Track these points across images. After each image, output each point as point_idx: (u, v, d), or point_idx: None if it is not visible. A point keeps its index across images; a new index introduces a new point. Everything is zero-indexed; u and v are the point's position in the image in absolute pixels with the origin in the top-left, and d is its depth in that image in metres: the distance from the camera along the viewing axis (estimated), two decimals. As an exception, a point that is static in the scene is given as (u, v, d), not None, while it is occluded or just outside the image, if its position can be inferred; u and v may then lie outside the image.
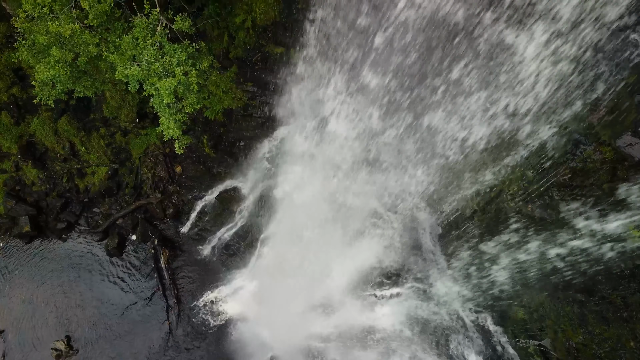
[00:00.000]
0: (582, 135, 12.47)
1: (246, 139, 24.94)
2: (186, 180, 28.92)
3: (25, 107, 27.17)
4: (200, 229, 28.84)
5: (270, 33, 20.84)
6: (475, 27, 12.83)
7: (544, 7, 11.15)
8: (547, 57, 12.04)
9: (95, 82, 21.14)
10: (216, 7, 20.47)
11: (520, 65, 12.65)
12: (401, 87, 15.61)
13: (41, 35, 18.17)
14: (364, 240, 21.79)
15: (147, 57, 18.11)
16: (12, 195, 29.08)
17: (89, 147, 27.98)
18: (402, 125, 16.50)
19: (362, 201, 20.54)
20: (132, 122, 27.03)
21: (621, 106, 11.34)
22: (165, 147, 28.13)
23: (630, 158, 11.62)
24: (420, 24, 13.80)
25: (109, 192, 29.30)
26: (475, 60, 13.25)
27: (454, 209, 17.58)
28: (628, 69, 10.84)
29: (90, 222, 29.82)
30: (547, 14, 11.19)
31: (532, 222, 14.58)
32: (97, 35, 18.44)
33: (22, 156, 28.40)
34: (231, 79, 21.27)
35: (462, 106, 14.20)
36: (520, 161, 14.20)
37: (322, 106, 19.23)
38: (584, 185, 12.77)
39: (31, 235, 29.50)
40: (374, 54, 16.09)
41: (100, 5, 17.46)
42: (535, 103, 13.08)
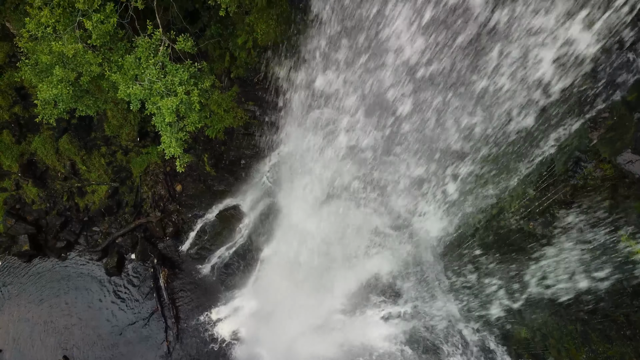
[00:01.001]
0: (582, 152, 12.56)
1: (247, 157, 25.03)
2: (186, 198, 28.91)
3: (26, 125, 27.28)
4: (199, 248, 28.73)
5: (271, 53, 21.06)
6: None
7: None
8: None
9: (97, 101, 21.28)
10: (218, 28, 20.72)
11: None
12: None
13: (44, 55, 18.33)
14: (365, 258, 21.72)
15: (149, 76, 18.26)
16: (12, 214, 29.02)
17: (89, 165, 28.02)
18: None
19: (364, 219, 20.54)
20: (133, 140, 27.12)
21: (621, 123, 11.45)
22: (166, 166, 28.18)
23: (631, 175, 11.69)
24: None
25: (109, 211, 29.26)
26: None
27: (455, 227, 17.57)
28: (627, 86, 10.97)
29: (90, 241, 29.71)
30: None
31: (534, 240, 14.59)
32: (100, 55, 18.62)
33: (23, 175, 28.42)
34: (232, 98, 21.43)
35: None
36: (522, 179, 14.28)
37: (324, 124, 19.36)
38: (585, 202, 12.83)
39: (30, 254, 29.35)
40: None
41: (103, 25, 17.65)
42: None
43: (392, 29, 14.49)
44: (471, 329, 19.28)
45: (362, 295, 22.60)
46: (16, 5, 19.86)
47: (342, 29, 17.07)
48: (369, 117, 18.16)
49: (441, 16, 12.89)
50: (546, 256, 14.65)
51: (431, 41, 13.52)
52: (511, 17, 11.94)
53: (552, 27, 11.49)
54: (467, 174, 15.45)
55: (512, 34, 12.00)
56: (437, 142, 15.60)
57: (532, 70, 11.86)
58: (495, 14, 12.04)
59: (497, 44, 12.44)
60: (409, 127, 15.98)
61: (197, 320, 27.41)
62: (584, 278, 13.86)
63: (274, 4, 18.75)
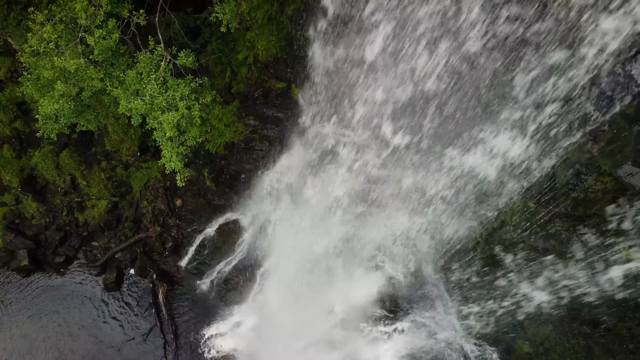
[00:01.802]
0: (583, 165, 12.66)
1: (247, 171, 25.09)
2: (186, 213, 28.90)
3: (27, 140, 27.37)
4: (199, 263, 28.62)
5: (271, 69, 21.26)
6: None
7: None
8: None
9: (99, 115, 21.38)
10: (219, 44, 20.92)
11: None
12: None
13: (46, 70, 18.44)
14: (366, 273, 21.66)
15: (150, 91, 18.39)
16: (12, 229, 28.96)
17: (89, 180, 28.05)
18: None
19: (364, 233, 20.55)
20: (133, 155, 27.20)
21: (620, 136, 11.56)
22: (166, 180, 28.22)
23: (632, 187, 11.77)
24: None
25: (108, 226, 29.22)
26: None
27: (456, 241, 17.59)
28: (626, 100, 11.10)
29: (89, 256, 29.62)
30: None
31: (536, 254, 14.62)
32: (102, 70, 18.75)
33: (23, 189, 28.42)
34: (233, 113, 21.57)
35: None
36: (522, 192, 14.35)
37: (325, 139, 19.48)
38: (586, 215, 12.90)
39: (29, 269, 29.20)
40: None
41: (105, 41, 17.81)
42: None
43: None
44: (473, 344, 19.18)
45: (364, 310, 22.47)
46: (19, 21, 20.05)
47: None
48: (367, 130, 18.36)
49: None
50: (548, 269, 14.66)
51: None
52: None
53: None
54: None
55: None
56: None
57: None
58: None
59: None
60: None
61: (196, 336, 27.20)
62: (586, 291, 13.85)
63: (274, 20, 18.98)
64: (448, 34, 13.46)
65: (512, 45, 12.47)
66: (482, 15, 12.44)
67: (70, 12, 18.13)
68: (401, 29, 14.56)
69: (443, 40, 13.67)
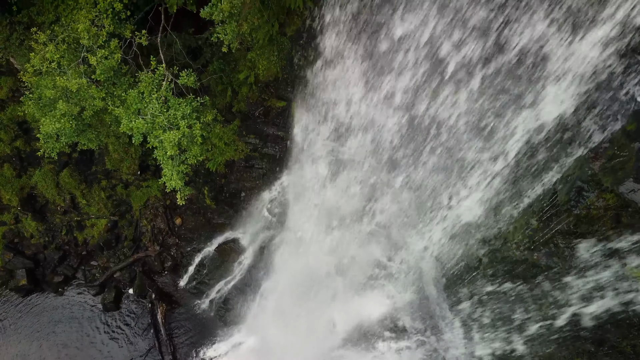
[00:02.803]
0: (584, 182, 12.70)
1: (247, 189, 25.10)
2: (185, 232, 28.81)
3: (27, 159, 27.39)
4: (198, 282, 28.44)
5: (272, 88, 21.42)
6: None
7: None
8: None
9: (100, 134, 21.44)
10: (220, 64, 21.09)
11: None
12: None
13: (48, 89, 18.54)
14: (368, 292, 21.53)
15: (152, 110, 18.49)
16: (11, 248, 28.85)
17: (89, 199, 28.01)
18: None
19: (365, 251, 20.47)
20: (133, 174, 27.21)
21: (621, 153, 11.62)
22: (166, 199, 28.19)
23: (634, 204, 11.79)
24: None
25: (107, 245, 29.08)
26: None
27: (459, 259, 17.52)
28: (626, 117, 11.21)
29: (88, 276, 29.43)
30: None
31: (539, 271, 14.57)
32: (104, 89, 18.86)
33: (23, 208, 28.35)
34: (234, 132, 21.65)
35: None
36: (524, 209, 14.37)
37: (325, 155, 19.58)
38: (589, 232, 12.90)
39: (28, 289, 29.01)
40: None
41: (107, 61, 17.95)
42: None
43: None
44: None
45: (365, 330, 22.28)
46: (21, 41, 20.22)
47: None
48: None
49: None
50: (551, 287, 14.60)
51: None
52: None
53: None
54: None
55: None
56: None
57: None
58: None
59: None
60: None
61: (195, 358, 26.89)
62: (590, 309, 13.77)
63: (275, 41, 19.15)
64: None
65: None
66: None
67: (73, 32, 18.32)
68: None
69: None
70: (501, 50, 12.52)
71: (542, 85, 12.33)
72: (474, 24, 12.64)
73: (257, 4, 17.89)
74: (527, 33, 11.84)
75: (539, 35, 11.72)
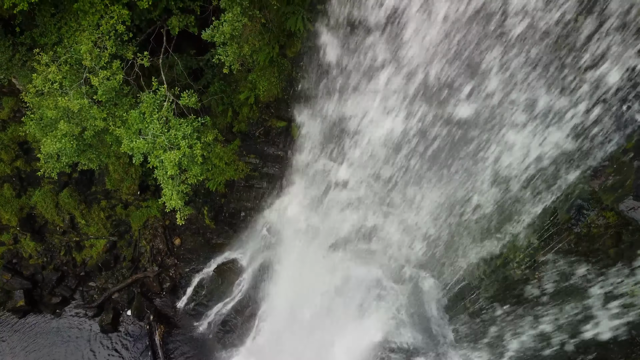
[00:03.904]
0: (584, 200, 12.75)
1: (247, 209, 25.10)
2: (184, 252, 28.69)
3: (27, 179, 27.41)
4: (197, 304, 28.21)
5: (272, 109, 21.62)
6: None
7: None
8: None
9: (100, 155, 21.47)
10: (221, 85, 21.29)
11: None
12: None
13: (50, 110, 18.64)
14: (368, 313, 21.35)
15: (153, 130, 18.56)
16: (9, 268, 28.65)
17: (88, 219, 27.94)
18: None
19: (365, 271, 20.40)
20: (133, 194, 27.20)
21: (621, 171, 11.71)
22: (165, 219, 28.14)
23: (634, 222, 11.83)
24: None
25: (106, 266, 28.92)
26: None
27: (460, 278, 17.47)
28: (625, 135, 11.32)
29: (86, 297, 29.19)
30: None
31: (541, 290, 14.51)
32: (105, 110, 18.96)
33: (22, 229, 28.26)
34: (234, 152, 21.76)
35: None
36: (525, 228, 14.38)
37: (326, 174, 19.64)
38: (590, 250, 12.89)
39: (25, 310, 28.72)
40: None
41: (109, 82, 18.08)
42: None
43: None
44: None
45: (367, 351, 22.03)
46: (24, 62, 20.39)
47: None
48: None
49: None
50: (553, 306, 14.53)
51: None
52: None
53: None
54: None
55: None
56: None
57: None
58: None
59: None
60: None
61: (192, 381, 26.57)
62: (592, 328, 13.69)
63: (275, 62, 19.38)
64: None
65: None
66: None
67: (76, 53, 18.51)
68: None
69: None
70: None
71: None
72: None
73: (258, 27, 18.17)
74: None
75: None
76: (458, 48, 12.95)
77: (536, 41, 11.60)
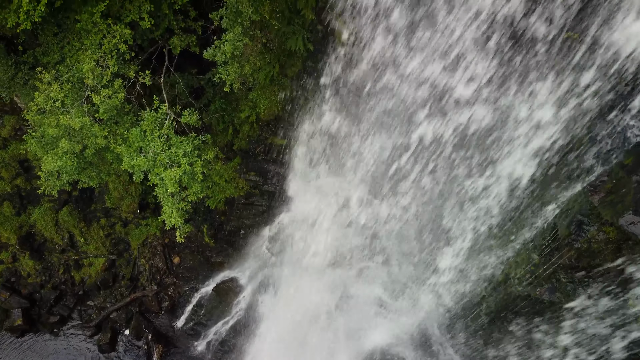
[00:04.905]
0: (584, 216, 12.80)
1: (246, 227, 25.05)
2: (183, 271, 28.55)
3: (27, 197, 27.41)
4: (195, 323, 27.98)
5: (273, 127, 21.74)
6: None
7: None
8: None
9: (101, 173, 21.52)
10: (222, 103, 21.45)
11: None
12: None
13: (51, 128, 18.75)
14: (369, 332, 21.19)
15: (154, 148, 18.64)
16: (7, 287, 28.48)
17: (88, 238, 27.87)
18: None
19: (366, 289, 20.31)
20: (133, 212, 27.19)
21: (620, 186, 11.78)
22: (165, 238, 28.08)
23: (634, 236, 11.87)
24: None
25: (104, 284, 28.75)
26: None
27: (460, 296, 17.40)
28: (624, 150, 11.42)
29: (84, 316, 28.95)
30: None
31: (542, 307, 14.47)
32: (107, 128, 19.08)
33: (21, 247, 28.16)
34: (234, 169, 21.84)
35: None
36: (525, 244, 14.39)
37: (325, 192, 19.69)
38: (591, 266, 12.90)
39: (23, 329, 28.48)
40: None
41: (111, 100, 18.23)
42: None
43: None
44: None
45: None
46: (26, 81, 20.56)
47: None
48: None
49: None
50: (555, 324, 14.46)
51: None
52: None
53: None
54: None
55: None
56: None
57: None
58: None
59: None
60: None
61: (190, 404, 26.21)
62: (595, 346, 13.60)
63: (276, 81, 19.56)
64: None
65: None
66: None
67: (78, 72, 18.69)
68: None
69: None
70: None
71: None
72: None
73: (259, 47, 18.41)
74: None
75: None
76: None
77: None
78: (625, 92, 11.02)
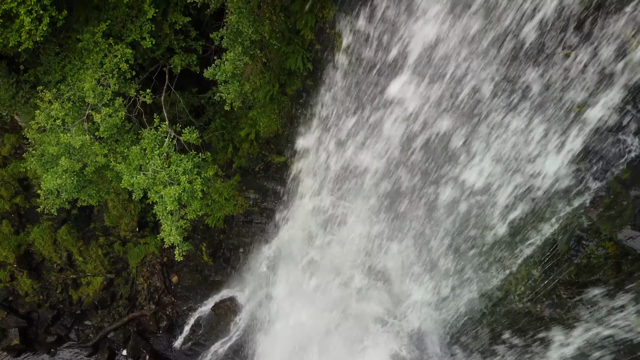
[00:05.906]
0: (583, 231, 12.83)
1: (245, 245, 24.99)
2: (182, 290, 28.37)
3: (26, 216, 27.40)
4: (194, 343, 27.69)
5: (272, 144, 21.87)
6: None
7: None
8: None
9: (100, 191, 21.54)
10: (222, 121, 21.61)
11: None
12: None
13: (51, 146, 18.82)
14: (369, 350, 20.99)
15: (153, 166, 18.70)
16: (4, 306, 28.25)
17: (86, 256, 27.76)
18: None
19: (365, 306, 20.19)
20: (132, 231, 27.14)
21: (618, 201, 11.85)
22: (163, 256, 27.96)
23: (633, 251, 11.90)
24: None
25: (102, 304, 28.53)
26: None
27: (461, 314, 17.32)
28: (621, 166, 11.51)
29: (81, 336, 28.66)
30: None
31: (543, 324, 14.41)
32: (107, 146, 19.16)
33: (19, 266, 28.01)
34: (234, 187, 21.89)
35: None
36: (525, 260, 14.39)
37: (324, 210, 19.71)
38: (590, 281, 12.89)
39: (20, 349, 28.11)
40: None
41: (111, 119, 18.34)
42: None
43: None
44: None
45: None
46: (27, 99, 20.71)
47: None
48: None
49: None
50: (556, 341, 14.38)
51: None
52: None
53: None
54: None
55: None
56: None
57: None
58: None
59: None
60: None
61: None
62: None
63: (276, 100, 19.76)
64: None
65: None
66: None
67: (79, 91, 18.84)
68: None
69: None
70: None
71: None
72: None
73: (259, 66, 18.66)
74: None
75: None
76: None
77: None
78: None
